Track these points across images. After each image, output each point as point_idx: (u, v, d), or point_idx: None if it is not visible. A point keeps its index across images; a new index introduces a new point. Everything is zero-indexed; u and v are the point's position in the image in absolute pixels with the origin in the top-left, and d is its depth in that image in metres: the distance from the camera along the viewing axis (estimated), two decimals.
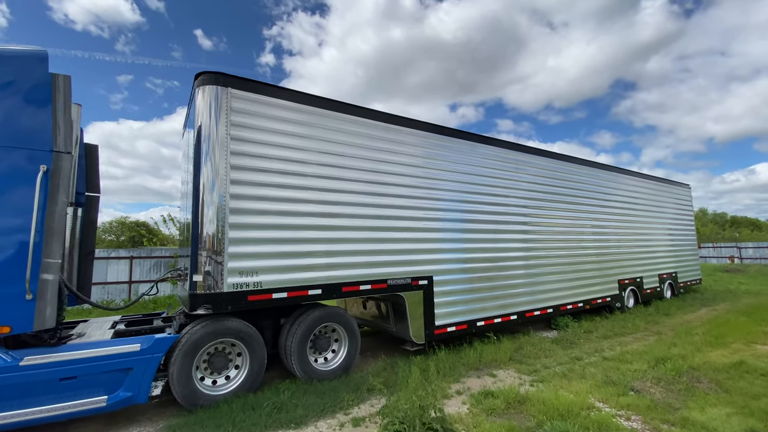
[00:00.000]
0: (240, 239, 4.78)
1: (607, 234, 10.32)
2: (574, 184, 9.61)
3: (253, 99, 5.10)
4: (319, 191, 5.42)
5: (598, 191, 10.34)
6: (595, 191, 10.24)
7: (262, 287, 4.86)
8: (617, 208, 10.87)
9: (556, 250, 8.80)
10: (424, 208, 6.53)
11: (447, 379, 5.36)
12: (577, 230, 9.42)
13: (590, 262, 9.59)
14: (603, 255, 10.02)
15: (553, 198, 8.99)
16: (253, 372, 4.79)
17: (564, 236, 9.05)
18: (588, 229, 9.76)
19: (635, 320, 9.13)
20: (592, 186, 10.15)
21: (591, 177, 10.20)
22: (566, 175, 9.43)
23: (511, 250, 7.81)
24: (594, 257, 9.73)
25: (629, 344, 7.28)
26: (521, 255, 7.99)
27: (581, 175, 9.87)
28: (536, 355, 6.53)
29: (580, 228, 9.55)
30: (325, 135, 5.61)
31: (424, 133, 6.74)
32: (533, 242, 8.31)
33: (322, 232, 5.39)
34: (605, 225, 10.32)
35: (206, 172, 4.75)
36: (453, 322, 6.70)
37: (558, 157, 9.37)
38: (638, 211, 11.68)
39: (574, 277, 9.08)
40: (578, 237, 9.41)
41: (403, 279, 6.15)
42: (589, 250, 9.66)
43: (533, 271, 8.18)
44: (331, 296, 5.40)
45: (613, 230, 10.56)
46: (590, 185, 10.09)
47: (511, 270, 7.74)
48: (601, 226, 10.18)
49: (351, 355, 5.60)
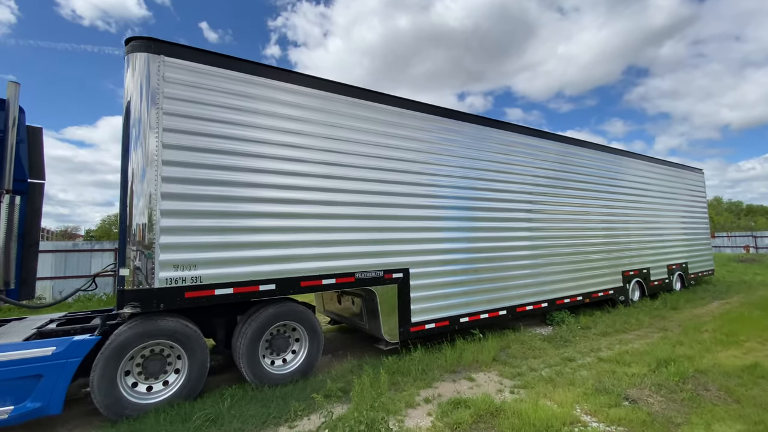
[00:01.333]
0: (174, 228, 4.20)
1: (611, 222, 9.55)
2: (574, 167, 8.83)
3: (191, 68, 4.47)
4: (271, 174, 4.80)
5: (600, 175, 9.55)
6: (597, 175, 9.45)
7: (202, 282, 4.29)
8: (622, 194, 10.06)
9: (553, 239, 8.08)
10: (397, 194, 5.87)
11: (418, 384, 4.76)
12: (577, 218, 8.67)
13: (591, 252, 8.85)
14: (606, 245, 9.27)
15: (551, 183, 8.25)
16: (192, 378, 4.25)
17: (562, 224, 8.32)
18: (590, 216, 9.00)
19: (639, 315, 8.40)
20: (593, 170, 9.35)
21: (592, 160, 9.41)
22: (564, 158, 8.66)
23: (500, 239, 7.13)
24: (596, 247, 8.98)
25: (630, 342, 6.59)
26: (512, 245, 7.31)
27: (581, 157, 9.08)
28: (524, 355, 5.89)
29: (581, 215, 8.80)
30: (279, 110, 4.96)
31: (396, 110, 6.06)
32: (525, 231, 7.61)
33: (276, 220, 4.79)
34: (609, 212, 9.54)
35: (135, 151, 4.16)
36: (432, 318, 6.08)
37: (556, 138, 8.60)
38: (646, 197, 10.84)
39: (573, 268, 8.37)
40: (578, 225, 8.67)
41: (374, 272, 5.54)
42: (591, 239, 8.91)
43: (526, 262, 7.49)
44: (287, 292, 4.81)
45: (618, 218, 9.77)
46: (591, 168, 9.29)
47: (501, 261, 7.07)
48: (605, 213, 9.41)
49: (312, 357, 5.03)
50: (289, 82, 5.06)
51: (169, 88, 4.31)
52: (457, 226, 6.54)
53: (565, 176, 8.60)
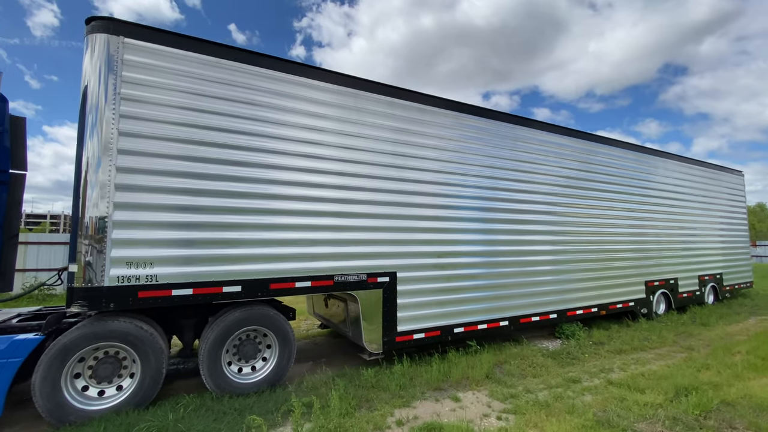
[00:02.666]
0: (128, 222, 3.88)
1: (637, 227, 8.70)
2: (598, 166, 8.06)
3: (155, 51, 4.15)
4: (238, 165, 4.42)
5: (626, 175, 8.70)
6: (622, 175, 8.62)
7: (158, 282, 3.95)
8: (650, 196, 9.16)
9: (568, 244, 7.37)
10: (385, 191, 5.38)
11: (394, 402, 4.28)
12: (597, 221, 7.91)
13: (611, 260, 8.06)
14: (628, 251, 8.43)
15: (571, 182, 7.53)
16: (144, 384, 3.92)
17: (579, 228, 7.58)
18: (612, 220, 8.21)
19: (663, 331, 7.57)
20: (619, 169, 8.53)
21: (618, 159, 8.58)
22: (587, 156, 7.90)
23: (504, 243, 6.51)
24: (617, 254, 8.18)
25: (648, 363, 5.85)
26: (518, 249, 6.67)
27: (605, 155, 8.28)
28: (522, 373, 5.29)
29: (603, 219, 8.02)
30: (252, 97, 4.58)
31: (387, 99, 5.56)
32: (535, 234, 6.95)
33: (243, 216, 4.41)
34: (635, 216, 8.69)
35: (89, 139, 3.87)
36: (422, 327, 5.56)
37: (581, 136, 7.86)
38: (677, 200, 9.87)
39: (588, 276, 7.62)
40: (598, 229, 7.90)
41: (355, 275, 5.08)
42: (612, 245, 8.12)
43: (533, 268, 6.84)
44: (255, 294, 4.43)
45: (645, 222, 8.90)
46: (616, 168, 8.48)
47: (503, 267, 6.45)
48: (630, 217, 8.58)
49: (281, 366, 4.63)
50: (265, 67, 4.68)
51: (129, 72, 4.00)
52: (454, 228, 5.98)
53: (587, 176, 7.87)
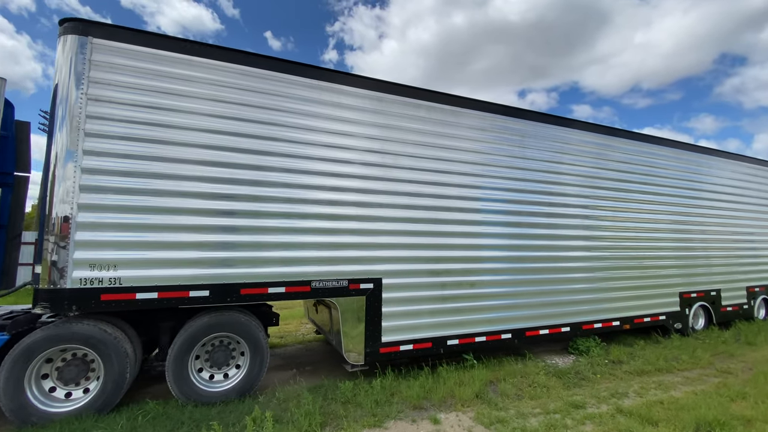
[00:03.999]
0: (92, 224, 3.83)
1: (671, 232, 7.77)
2: (617, 164, 7.27)
3: (125, 51, 4.09)
4: (205, 165, 4.28)
5: (661, 174, 7.80)
6: (655, 174, 7.73)
7: (122, 284, 3.87)
8: (690, 198, 8.17)
9: (584, 250, 6.69)
10: (368, 191, 5.06)
11: (366, 420, 3.94)
12: (620, 226, 7.13)
13: (638, 268, 7.24)
14: (660, 259, 7.55)
15: (587, 182, 6.83)
16: (107, 389, 3.85)
17: (599, 233, 6.86)
18: (639, 224, 7.38)
19: (697, 350, 6.67)
20: (650, 168, 7.66)
21: (650, 157, 7.71)
22: (601, 152, 7.15)
23: (506, 248, 5.97)
24: (645, 261, 7.34)
25: (672, 388, 5.10)
26: (524, 255, 6.09)
27: (629, 153, 7.47)
28: (518, 393, 4.76)
29: (627, 223, 7.23)
30: (224, 94, 4.43)
31: (367, 92, 5.23)
32: (545, 239, 6.33)
33: (212, 218, 4.25)
34: (669, 220, 7.77)
35: (56, 141, 3.86)
36: (410, 338, 5.18)
37: (604, 132, 7.14)
38: (723, 202, 8.76)
39: (609, 286, 6.87)
40: (622, 234, 7.12)
41: (335, 281, 4.80)
42: (639, 251, 7.30)
43: (541, 276, 6.23)
44: (224, 299, 4.26)
45: (681, 226, 7.94)
46: (646, 166, 7.62)
47: (505, 274, 5.92)
48: (663, 221, 7.68)
49: (252, 376, 4.43)
50: (238, 63, 4.51)
51: (97, 72, 3.97)
52: (448, 231, 5.53)
53: (610, 174, 7.12)
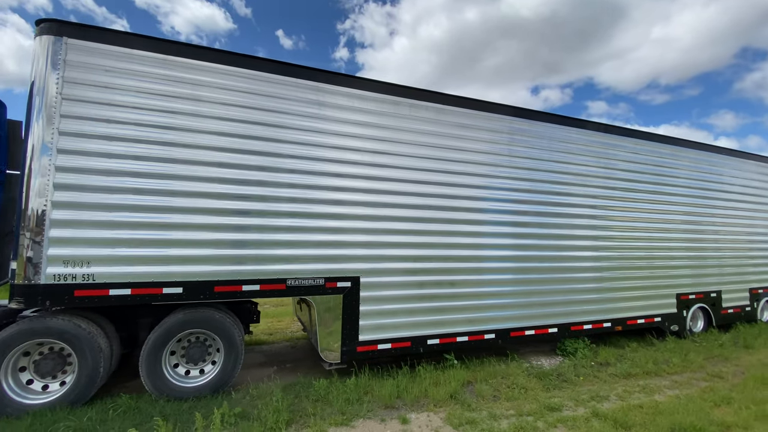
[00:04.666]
0: (66, 221, 3.90)
1: (667, 231, 7.57)
2: (613, 161, 7.11)
3: (98, 50, 4.15)
4: (179, 164, 4.31)
5: (658, 172, 7.60)
6: (652, 172, 7.53)
7: (95, 281, 3.95)
8: (689, 197, 7.94)
9: (574, 250, 6.56)
10: (347, 189, 5.04)
11: (334, 419, 3.94)
12: (615, 224, 6.97)
13: (631, 268, 7.07)
14: (655, 259, 7.36)
15: (579, 180, 6.69)
16: (80, 382, 3.93)
17: (590, 232, 6.72)
18: (633, 223, 7.20)
19: (690, 353, 6.49)
20: (644, 165, 7.46)
21: (646, 155, 7.51)
22: (600, 150, 6.99)
23: (489, 247, 5.89)
24: (638, 261, 7.17)
25: (657, 392, 4.98)
26: (508, 255, 6.01)
27: (625, 150, 7.28)
28: (495, 394, 4.70)
29: (621, 221, 7.07)
30: (201, 93, 4.46)
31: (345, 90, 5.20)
32: (531, 239, 6.23)
33: (186, 216, 4.29)
34: (665, 219, 7.57)
35: (32, 138, 3.94)
36: (388, 337, 5.16)
37: (598, 128, 6.98)
38: (724, 200, 8.49)
39: (600, 287, 6.74)
40: (614, 234, 6.96)
41: (312, 279, 4.80)
42: (632, 251, 7.13)
43: (527, 276, 6.14)
44: (198, 296, 4.30)
45: (678, 226, 7.73)
46: (642, 164, 7.42)
47: (489, 274, 5.85)
48: (659, 220, 7.49)
49: (226, 372, 4.47)
50: (210, 61, 4.53)
51: (71, 72, 4.03)
52: (428, 230, 5.48)
53: (605, 173, 6.96)
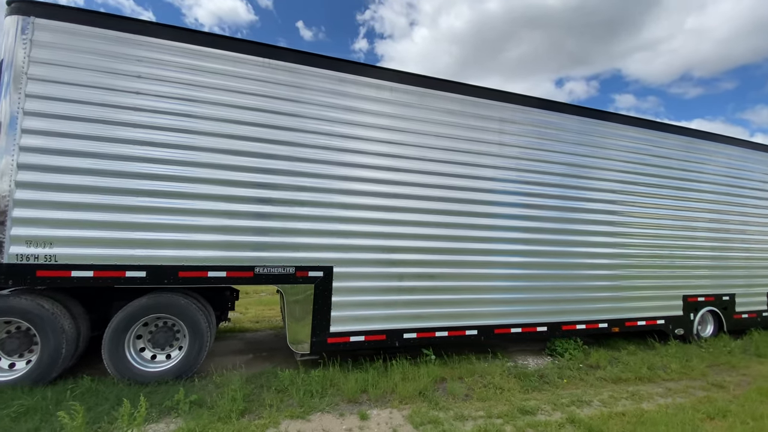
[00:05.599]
0: (31, 201, 3.91)
1: (674, 229, 7.09)
2: (608, 151, 6.68)
3: (69, 30, 4.12)
4: (145, 145, 4.25)
5: (673, 165, 7.11)
6: (668, 165, 7.06)
7: (57, 262, 3.95)
8: (700, 192, 7.41)
9: (569, 245, 6.21)
10: (318, 175, 4.88)
11: (290, 411, 3.82)
12: (614, 219, 6.57)
13: (632, 267, 6.66)
14: (660, 258, 6.91)
15: (573, 171, 6.32)
16: (43, 362, 3.96)
17: (587, 226, 6.35)
18: (635, 219, 6.76)
19: (693, 359, 6.05)
20: (645, 156, 6.98)
21: (650, 145, 7.03)
22: (587, 138, 6.57)
23: (474, 240, 5.62)
24: (641, 260, 6.74)
25: (647, 399, 4.64)
26: (493, 248, 5.73)
27: (623, 139, 6.83)
28: (468, 394, 4.48)
29: (622, 216, 6.65)
30: (171, 74, 4.37)
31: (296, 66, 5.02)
32: (520, 232, 5.92)
33: (151, 199, 4.24)
34: (675, 215, 7.09)
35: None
36: (361, 329, 5.01)
37: (591, 115, 6.57)
38: (744, 197, 7.90)
39: (596, 285, 6.37)
40: (616, 230, 6.56)
41: (281, 267, 4.69)
42: (634, 249, 6.70)
43: (514, 271, 5.84)
44: (161, 281, 4.26)
45: (688, 222, 7.22)
46: (642, 155, 6.95)
47: (471, 268, 5.58)
48: (666, 216, 7.01)
49: (190, 358, 4.42)
50: (181, 41, 4.44)
51: (38, 52, 4.01)
52: (407, 220, 5.27)
53: (598, 163, 6.56)
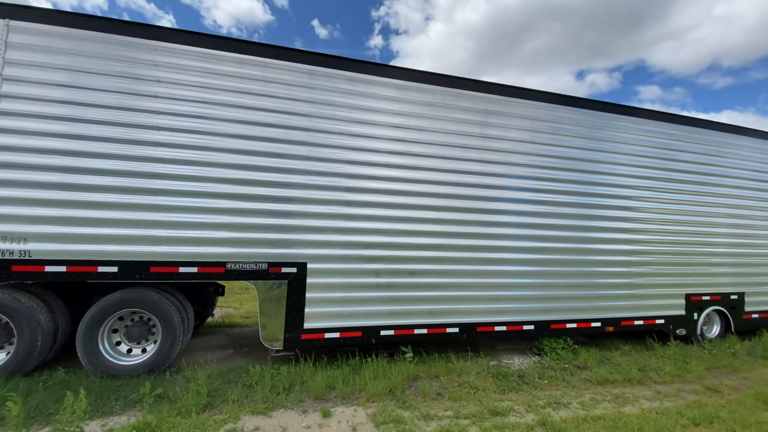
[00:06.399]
0: (3, 198, 4.03)
1: (677, 223, 6.74)
2: (606, 143, 6.39)
3: (44, 32, 4.23)
4: (117, 143, 4.32)
5: (673, 157, 6.76)
6: (668, 157, 6.73)
7: (31, 257, 4.07)
8: (706, 185, 7.03)
9: (559, 241, 5.99)
10: (291, 171, 4.86)
11: (253, 407, 3.81)
12: (610, 214, 6.30)
13: (628, 264, 6.37)
14: (660, 254, 6.58)
15: (567, 164, 6.08)
16: (19, 354, 4.09)
17: (581, 221, 6.11)
18: (634, 213, 6.46)
19: (693, 360, 5.74)
20: (640, 147, 6.65)
21: (635, 134, 6.70)
22: (586, 131, 6.31)
23: (458, 235, 5.48)
24: (638, 256, 6.44)
25: (631, 402, 4.41)
26: (476, 244, 5.57)
27: (617, 130, 6.52)
28: (440, 393, 4.37)
29: (618, 210, 6.37)
30: (134, 71, 4.43)
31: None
32: (508, 227, 5.75)
33: (120, 195, 4.31)
34: (676, 210, 6.75)
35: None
36: (337, 326, 4.96)
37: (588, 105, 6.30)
38: (757, 189, 7.45)
39: (589, 283, 6.13)
40: (608, 225, 6.29)
41: (253, 263, 4.69)
42: (631, 245, 6.41)
43: (500, 268, 5.67)
44: (133, 276, 4.32)
45: (692, 218, 6.86)
46: (637, 146, 6.63)
47: (450, 264, 5.44)
48: (668, 210, 6.69)
49: (162, 353, 4.48)
50: (155, 39, 4.48)
51: (13, 54, 4.13)
52: (384, 215, 5.18)
53: (606, 157, 6.30)
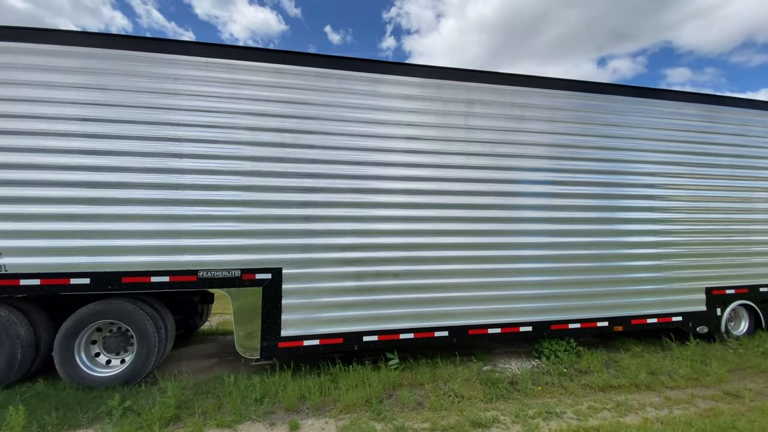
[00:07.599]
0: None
1: (692, 211, 6.16)
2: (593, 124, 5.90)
3: (16, 50, 4.29)
4: (84, 155, 4.31)
5: (673, 137, 6.19)
6: (677, 138, 6.16)
7: (7, 271, 4.12)
8: (724, 167, 6.39)
9: (558, 235, 5.58)
10: (263, 173, 4.71)
11: (218, 420, 3.69)
12: (611, 204, 5.83)
13: (638, 258, 5.86)
14: (675, 246, 6.02)
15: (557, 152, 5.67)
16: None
17: (579, 213, 5.67)
18: (641, 201, 5.95)
19: (713, 362, 5.17)
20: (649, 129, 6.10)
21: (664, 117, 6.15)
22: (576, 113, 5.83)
23: (445, 233, 5.19)
24: (651, 248, 5.92)
25: (637, 410, 3.99)
26: (466, 241, 5.25)
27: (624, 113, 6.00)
28: (420, 403, 4.10)
29: (624, 199, 5.88)
30: (102, 81, 4.41)
31: None
32: (498, 222, 5.39)
33: (90, 207, 4.30)
34: (691, 195, 6.17)
35: None
36: (316, 333, 4.78)
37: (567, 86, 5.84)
38: None
39: (592, 278, 5.67)
40: (613, 216, 5.82)
41: (226, 270, 4.59)
42: (642, 236, 5.91)
43: (490, 266, 5.33)
44: (106, 287, 4.31)
45: (710, 204, 6.25)
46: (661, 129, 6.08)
47: (441, 264, 5.15)
48: (679, 198, 6.12)
49: (138, 364, 4.43)
50: (122, 48, 4.46)
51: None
52: (364, 216, 4.96)
53: (601, 142, 5.84)
